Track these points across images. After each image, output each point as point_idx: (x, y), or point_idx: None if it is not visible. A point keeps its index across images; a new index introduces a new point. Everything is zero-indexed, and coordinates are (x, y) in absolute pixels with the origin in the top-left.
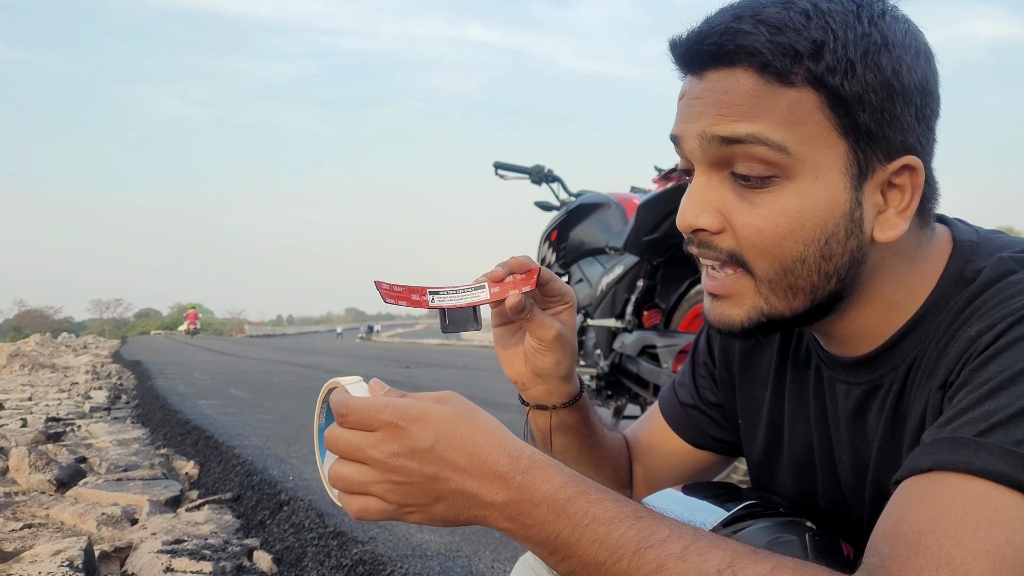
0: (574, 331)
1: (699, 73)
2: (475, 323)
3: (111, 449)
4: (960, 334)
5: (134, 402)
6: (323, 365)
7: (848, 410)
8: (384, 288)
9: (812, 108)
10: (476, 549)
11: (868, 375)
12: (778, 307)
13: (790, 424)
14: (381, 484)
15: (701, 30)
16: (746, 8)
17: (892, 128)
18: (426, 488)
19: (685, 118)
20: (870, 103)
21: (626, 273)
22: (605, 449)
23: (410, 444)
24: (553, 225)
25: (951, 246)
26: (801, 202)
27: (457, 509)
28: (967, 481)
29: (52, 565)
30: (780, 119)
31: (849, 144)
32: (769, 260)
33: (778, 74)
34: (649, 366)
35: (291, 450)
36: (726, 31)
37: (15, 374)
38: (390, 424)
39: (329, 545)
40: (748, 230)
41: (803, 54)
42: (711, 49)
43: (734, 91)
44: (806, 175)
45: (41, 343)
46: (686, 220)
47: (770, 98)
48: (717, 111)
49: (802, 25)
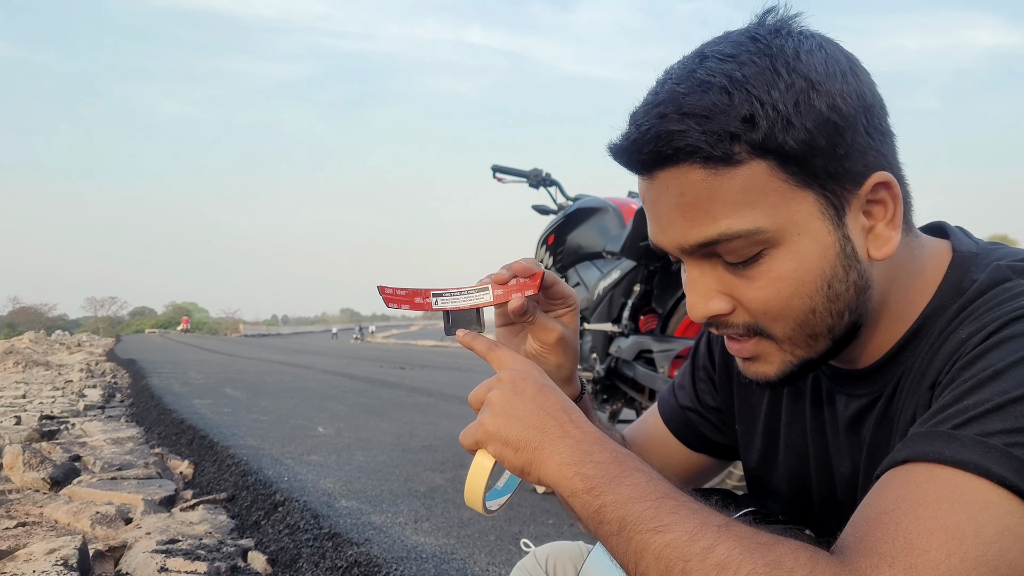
0: (576, 334)
1: (649, 175)
2: (478, 325)
3: (105, 448)
4: (951, 338)
5: (128, 401)
6: (318, 365)
7: (846, 421)
8: (388, 293)
9: (766, 177)
10: (471, 552)
11: (868, 387)
12: (804, 355)
13: (786, 432)
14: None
15: (635, 137)
16: (667, 104)
17: (850, 159)
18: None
19: (656, 228)
20: (819, 147)
21: (623, 277)
22: None
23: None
24: (550, 229)
25: (950, 257)
26: (795, 262)
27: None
28: (934, 468)
29: (46, 564)
30: (741, 203)
31: (815, 192)
32: (783, 322)
33: (722, 159)
34: (645, 371)
35: (286, 450)
36: (658, 136)
37: (9, 371)
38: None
39: (324, 547)
40: (755, 303)
41: (738, 134)
42: (651, 156)
43: (689, 191)
44: (790, 236)
45: (35, 341)
46: (698, 313)
47: (725, 185)
48: (682, 217)
49: (727, 105)
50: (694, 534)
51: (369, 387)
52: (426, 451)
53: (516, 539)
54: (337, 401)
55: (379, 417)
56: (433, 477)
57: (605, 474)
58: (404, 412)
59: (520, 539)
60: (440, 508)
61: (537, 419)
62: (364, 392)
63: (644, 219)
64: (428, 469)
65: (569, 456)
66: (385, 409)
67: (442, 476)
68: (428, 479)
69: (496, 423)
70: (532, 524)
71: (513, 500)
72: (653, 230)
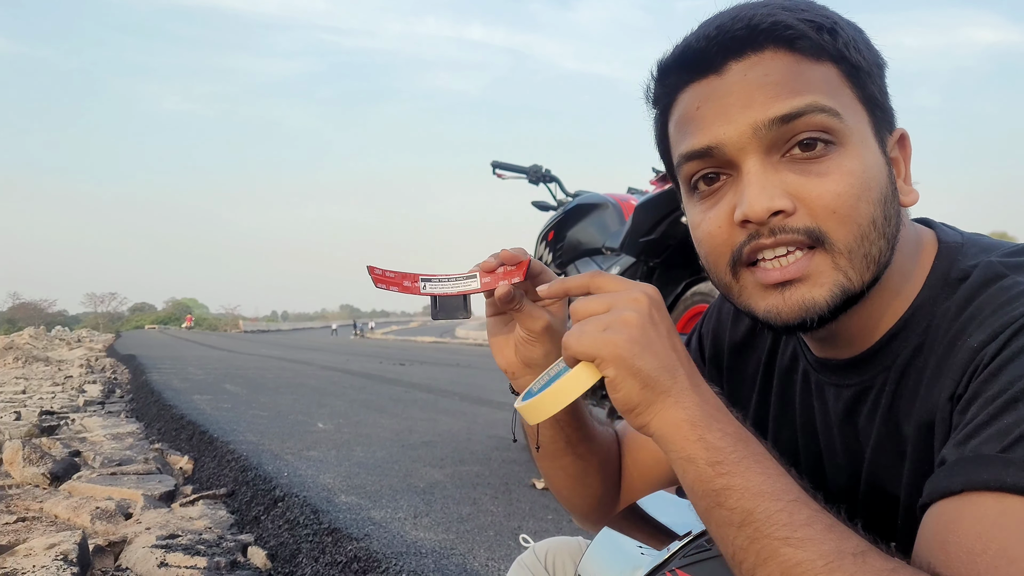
0: (564, 323)
1: (719, 70)
2: (465, 311)
3: (105, 443)
4: (960, 343)
5: (128, 396)
6: (317, 361)
7: (839, 412)
8: (377, 273)
9: (838, 80)
10: (470, 547)
11: (858, 376)
12: (855, 280)
13: (774, 427)
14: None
15: (720, 23)
16: (753, 5)
17: (886, 99)
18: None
19: (723, 118)
20: (873, 76)
21: (622, 274)
22: (595, 443)
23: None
24: (550, 225)
25: (936, 247)
26: (861, 164)
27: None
28: (1003, 499)
29: (46, 559)
30: (823, 90)
31: (868, 113)
32: (848, 226)
33: (809, 48)
34: None
35: (286, 446)
36: (753, 16)
37: (9, 367)
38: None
39: (324, 542)
40: (827, 197)
41: (826, 28)
42: (742, 33)
43: (774, 71)
44: (854, 139)
45: (35, 336)
46: (762, 205)
47: (808, 72)
48: (765, 95)
49: (819, 11)
50: (829, 561)
51: (368, 383)
52: (425, 447)
53: (515, 534)
54: (336, 397)
55: (378, 413)
56: (432, 473)
57: (733, 451)
58: (403, 408)
59: (519, 534)
60: (439, 503)
61: (671, 361)
62: (363, 388)
63: (644, 215)
64: (427, 465)
65: (694, 414)
66: (384, 405)
67: (441, 472)
68: (427, 475)
69: (631, 348)
70: (531, 520)
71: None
72: (711, 128)
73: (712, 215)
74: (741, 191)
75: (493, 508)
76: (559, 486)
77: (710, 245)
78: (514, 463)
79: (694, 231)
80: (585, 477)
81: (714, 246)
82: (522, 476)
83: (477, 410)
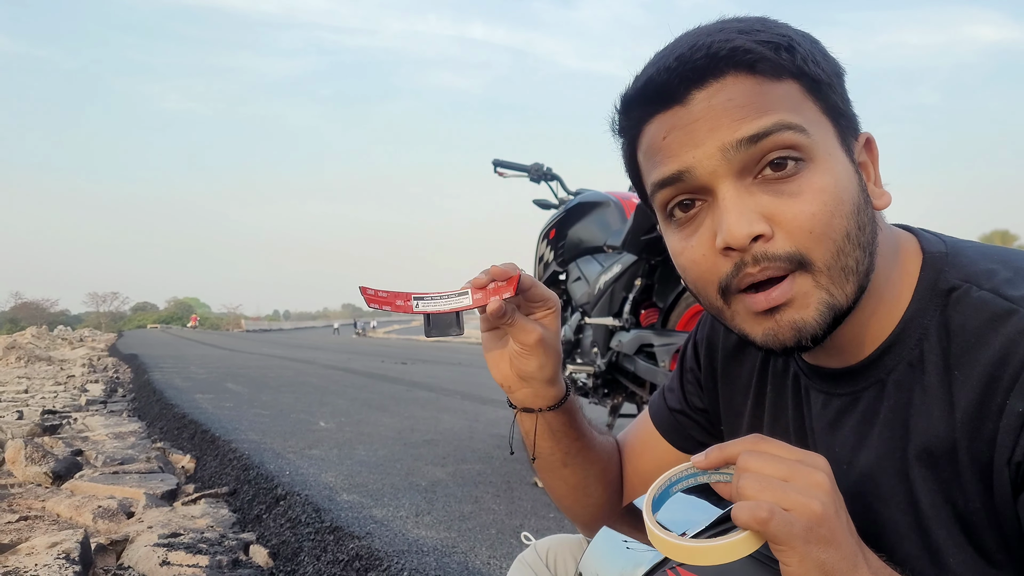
0: (557, 336)
1: (683, 100)
2: (457, 328)
3: (107, 442)
4: (1008, 406)
5: (130, 395)
6: (319, 360)
7: (824, 420)
8: (369, 293)
9: (801, 96)
10: (472, 545)
11: (849, 387)
12: (838, 295)
13: (769, 432)
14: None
15: (679, 54)
16: (708, 32)
17: (849, 107)
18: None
19: (690, 143)
20: (834, 86)
21: (624, 272)
22: (594, 453)
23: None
24: (551, 223)
25: (920, 255)
26: (832, 178)
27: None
28: None
29: (48, 557)
30: (787, 107)
31: (833, 123)
32: (825, 243)
33: (769, 69)
34: (646, 365)
35: (288, 444)
36: (711, 44)
37: (11, 367)
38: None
39: (326, 540)
40: (802, 218)
41: (783, 46)
42: (703, 63)
43: (737, 95)
44: (822, 153)
45: (37, 336)
46: (741, 232)
47: (770, 92)
48: (731, 119)
49: (772, 30)
50: None
51: (370, 382)
52: (427, 445)
53: (517, 532)
54: (338, 396)
55: (380, 412)
56: (434, 471)
57: None
58: (405, 407)
59: (521, 532)
60: (441, 502)
61: (852, 552)
62: (365, 387)
63: (645, 214)
64: (429, 463)
65: None
66: (386, 404)
67: (443, 470)
68: (429, 473)
69: (818, 543)
70: (533, 518)
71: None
72: (680, 155)
73: (693, 243)
74: (719, 217)
75: (495, 506)
76: (560, 496)
77: (696, 273)
78: (515, 462)
79: (676, 258)
80: (585, 487)
81: (700, 274)
82: (524, 474)
83: (479, 409)
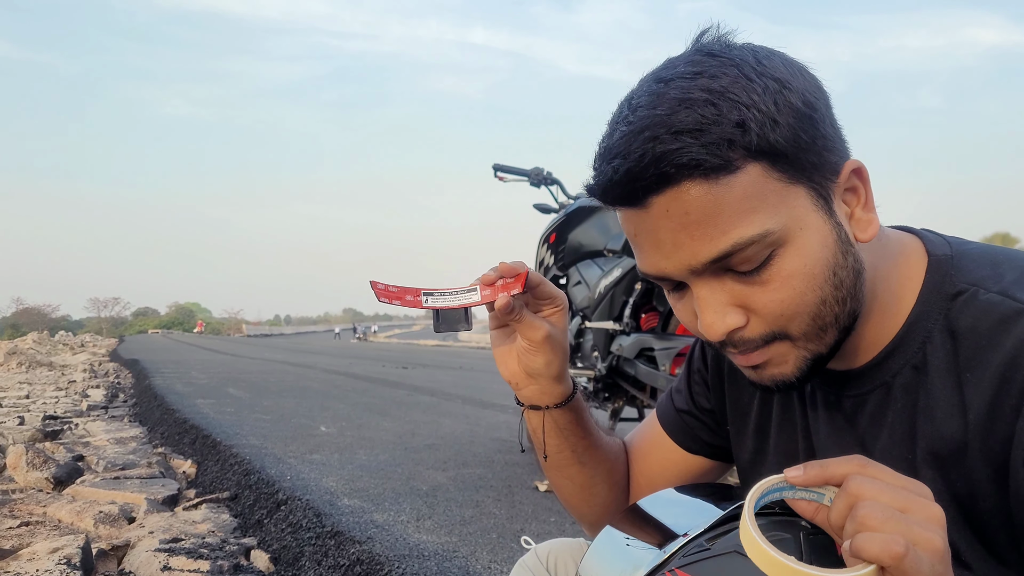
0: (565, 333)
1: (641, 204)
2: (466, 323)
3: (109, 447)
4: (1023, 406)
5: (131, 401)
6: (320, 365)
7: (832, 421)
8: (379, 288)
9: (763, 179)
10: (473, 550)
11: (856, 389)
12: (818, 348)
13: (776, 432)
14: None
15: (628, 167)
16: (652, 128)
17: (827, 150)
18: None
19: (657, 255)
20: (802, 142)
21: (624, 276)
22: (601, 452)
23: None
24: (552, 227)
25: (925, 258)
26: (802, 258)
27: None
28: None
29: (50, 563)
30: (746, 210)
31: (806, 186)
32: (799, 319)
33: (723, 168)
34: (646, 368)
35: (289, 449)
36: (656, 159)
37: (13, 372)
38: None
39: (327, 544)
40: (772, 306)
41: (734, 139)
42: (651, 181)
43: (694, 209)
44: (794, 233)
45: (39, 341)
46: (718, 330)
47: (727, 195)
48: (689, 237)
49: (716, 115)
50: None
51: (371, 386)
52: (428, 450)
53: (518, 537)
54: (339, 400)
55: (381, 416)
56: (435, 476)
57: None
58: (406, 411)
59: (522, 537)
60: (442, 506)
61: None
62: (366, 391)
63: None
64: (430, 468)
65: None
66: (387, 408)
67: (444, 475)
68: (430, 478)
69: (938, 572)
70: (534, 522)
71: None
72: (652, 259)
73: (681, 308)
74: (696, 307)
75: (496, 511)
76: (567, 496)
77: (690, 329)
78: (516, 466)
79: (672, 308)
80: (592, 487)
81: (694, 331)
82: (525, 479)
83: (480, 413)
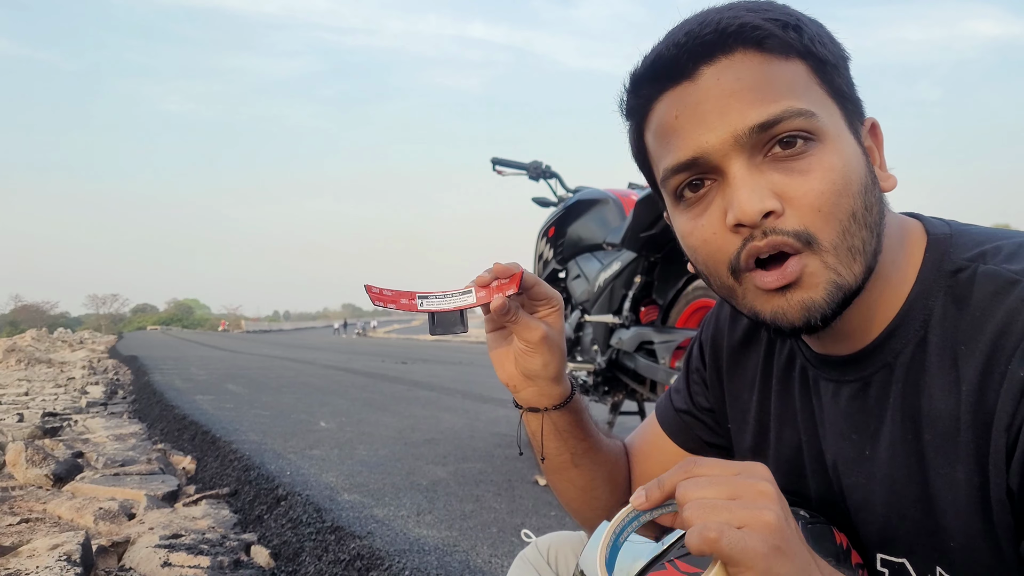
0: (561, 334)
1: (692, 75)
2: (461, 326)
3: (108, 444)
4: (1009, 371)
5: (131, 397)
6: (319, 360)
7: (836, 407)
8: (374, 292)
9: (808, 77)
10: (473, 544)
11: (858, 372)
12: (846, 275)
13: (776, 426)
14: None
15: (690, 29)
16: (717, 9)
17: (854, 91)
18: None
19: (702, 127)
20: (840, 70)
21: (623, 269)
22: (601, 454)
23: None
24: (551, 221)
25: (924, 238)
26: (840, 158)
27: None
28: None
29: (50, 559)
30: (795, 89)
31: (839, 106)
32: (833, 223)
33: (777, 47)
34: (646, 362)
35: (288, 445)
36: (720, 20)
37: (11, 369)
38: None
39: (327, 540)
40: (811, 196)
41: (791, 25)
42: (711, 38)
43: (746, 75)
44: (830, 134)
45: (37, 338)
46: (753, 208)
47: (778, 72)
48: (739, 101)
49: (776, 8)
50: None
51: (371, 382)
52: (428, 445)
53: (518, 531)
54: (339, 396)
55: (381, 411)
56: (435, 470)
57: None
58: (406, 406)
59: (522, 531)
60: (442, 501)
61: (806, 561)
62: (366, 387)
63: (645, 210)
64: (430, 462)
65: None
66: (387, 403)
67: (444, 469)
68: (430, 472)
69: (776, 556)
70: (534, 516)
71: (515, 492)
72: (692, 137)
73: (704, 222)
74: (730, 194)
75: (496, 505)
76: (568, 498)
77: (706, 252)
78: (516, 460)
79: (685, 239)
80: (593, 489)
81: (710, 253)
82: (525, 473)
83: (479, 407)
